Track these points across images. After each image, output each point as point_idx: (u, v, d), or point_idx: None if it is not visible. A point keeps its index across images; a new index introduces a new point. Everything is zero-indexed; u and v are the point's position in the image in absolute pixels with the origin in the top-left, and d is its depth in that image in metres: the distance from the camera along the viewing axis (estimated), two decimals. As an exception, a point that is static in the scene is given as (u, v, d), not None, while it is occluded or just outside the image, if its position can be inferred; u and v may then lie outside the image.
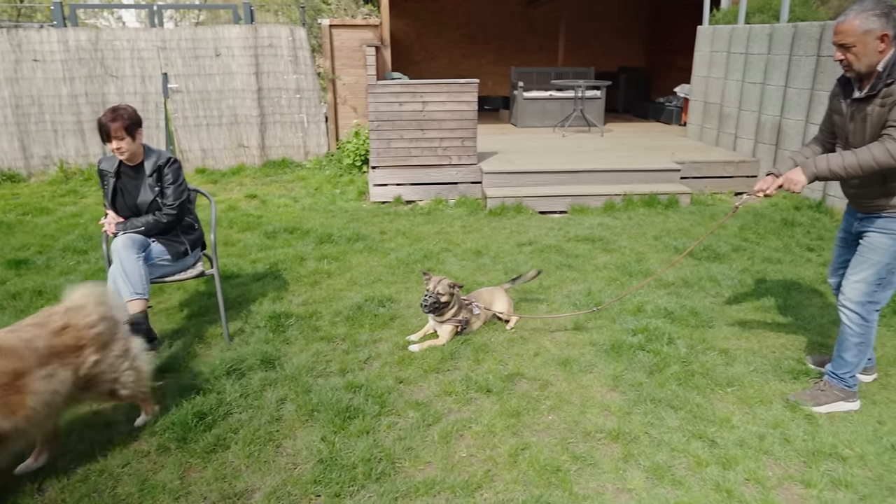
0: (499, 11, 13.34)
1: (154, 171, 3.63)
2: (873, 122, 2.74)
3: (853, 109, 2.84)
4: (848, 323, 3.04)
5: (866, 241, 2.97)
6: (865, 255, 2.96)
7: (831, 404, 3.11)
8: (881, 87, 2.67)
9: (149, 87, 8.75)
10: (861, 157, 2.70)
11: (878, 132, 2.74)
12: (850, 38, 2.67)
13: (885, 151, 2.64)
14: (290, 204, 7.34)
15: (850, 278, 3.02)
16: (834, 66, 6.35)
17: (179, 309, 4.35)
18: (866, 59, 2.68)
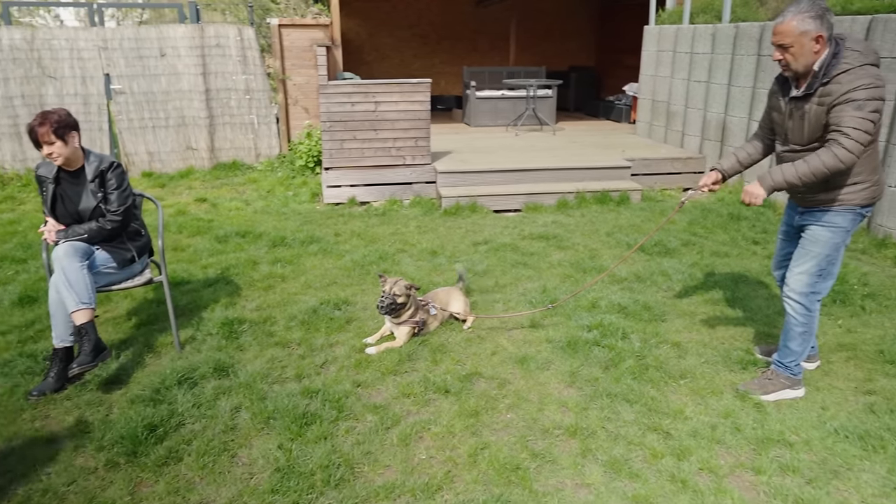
0: (450, 11, 13.36)
1: (96, 175, 3.49)
2: (811, 119, 2.82)
3: (792, 107, 2.91)
4: (792, 313, 3.14)
5: (808, 234, 3.07)
6: (807, 247, 3.06)
7: (778, 392, 3.21)
8: (818, 86, 2.75)
9: (90, 88, 8.44)
10: (812, 165, 2.76)
11: (816, 130, 2.82)
12: (787, 39, 2.75)
13: (833, 157, 2.71)
14: (242, 207, 7.20)
15: (793, 270, 3.12)
16: (773, 65, 6.58)
17: (127, 318, 4.20)
18: (803, 59, 2.76)
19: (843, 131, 2.68)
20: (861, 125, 2.66)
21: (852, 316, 4.17)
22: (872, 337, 3.87)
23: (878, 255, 5.31)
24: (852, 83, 2.64)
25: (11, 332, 3.93)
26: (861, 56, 2.70)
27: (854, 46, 2.73)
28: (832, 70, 2.70)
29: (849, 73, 2.67)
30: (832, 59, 2.72)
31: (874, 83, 2.65)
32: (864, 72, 2.66)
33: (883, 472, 2.67)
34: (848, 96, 2.65)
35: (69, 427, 2.99)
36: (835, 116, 2.71)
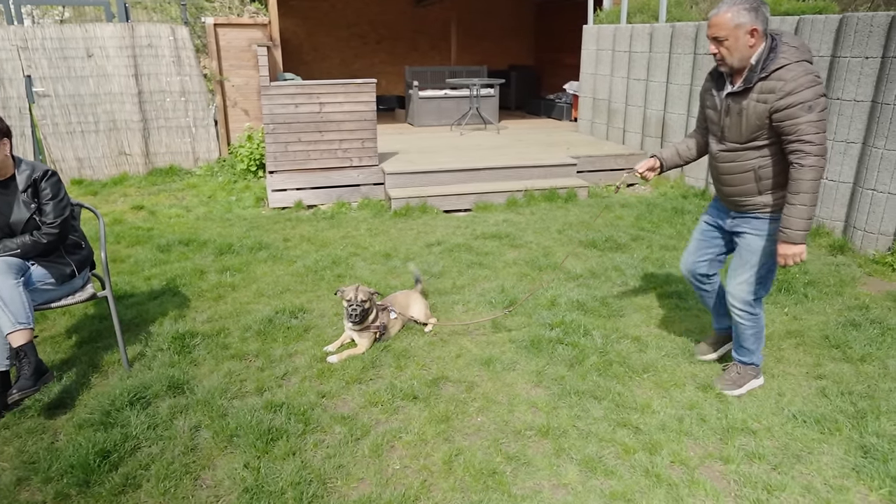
0: (389, 11, 13.25)
1: (28, 185, 3.25)
2: (749, 116, 2.74)
3: (728, 103, 2.83)
4: (740, 320, 3.15)
5: (744, 244, 3.04)
6: (745, 257, 3.03)
7: (748, 384, 3.28)
8: (756, 80, 2.68)
9: (9, 90, 7.92)
10: (806, 190, 2.67)
11: (754, 127, 2.75)
12: (722, 32, 2.68)
13: (810, 171, 2.65)
14: (183, 214, 6.91)
15: (733, 280, 3.09)
16: (709, 63, 6.80)
17: (67, 336, 3.95)
18: (738, 53, 2.70)
19: (804, 140, 2.63)
20: (819, 127, 2.62)
21: (797, 303, 4.34)
22: (817, 323, 4.04)
23: (814, 243, 5.56)
24: (796, 81, 2.59)
25: (-63, 357, 3.62)
26: (797, 52, 2.65)
27: (790, 42, 2.68)
28: (770, 64, 2.64)
29: (787, 69, 2.61)
30: (769, 53, 2.66)
31: (816, 81, 2.61)
32: (803, 69, 2.62)
33: (840, 453, 2.78)
34: (794, 99, 2.60)
35: (9, 459, 2.77)
36: (789, 125, 2.65)
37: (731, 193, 3.00)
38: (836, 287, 4.56)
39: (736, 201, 3.00)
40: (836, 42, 5.45)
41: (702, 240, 3.33)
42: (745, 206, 2.98)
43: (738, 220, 3.05)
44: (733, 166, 2.93)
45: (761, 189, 2.89)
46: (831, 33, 5.49)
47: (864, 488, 2.58)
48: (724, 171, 2.99)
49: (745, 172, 2.90)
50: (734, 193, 2.98)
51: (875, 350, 3.66)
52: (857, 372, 3.45)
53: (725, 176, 3.00)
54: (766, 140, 2.78)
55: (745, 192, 2.93)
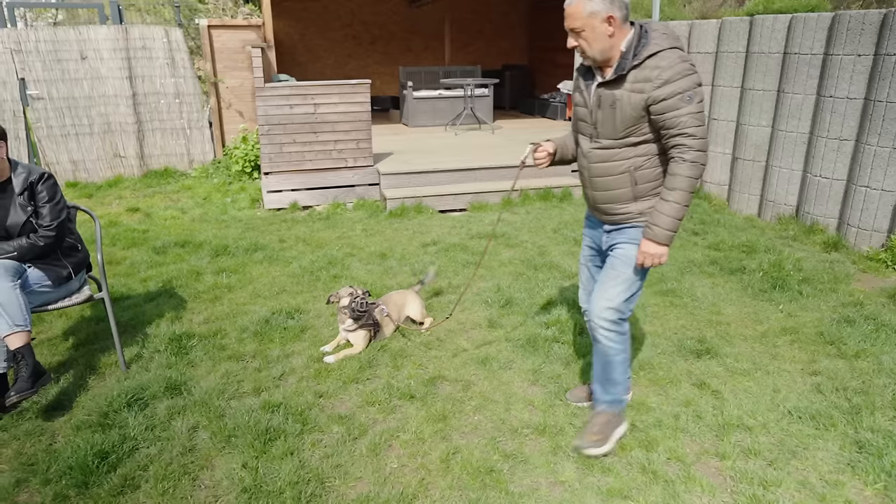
0: (382, 11, 13.26)
1: (25, 188, 3.25)
2: (624, 108, 2.47)
3: (600, 95, 2.55)
4: (608, 343, 2.72)
5: (619, 254, 2.69)
6: (619, 269, 2.68)
7: (614, 434, 2.83)
8: (629, 68, 2.42)
9: (3, 93, 7.89)
10: (682, 187, 2.44)
11: (630, 120, 2.49)
12: (577, 23, 2.43)
13: (691, 166, 2.42)
14: (178, 216, 6.90)
15: (600, 297, 2.69)
16: (702, 62, 6.84)
17: (64, 338, 3.94)
18: (597, 45, 2.44)
19: (685, 133, 2.39)
20: (699, 119, 2.40)
21: (791, 300, 4.37)
22: (811, 320, 4.07)
23: (808, 241, 5.60)
24: (673, 69, 2.35)
25: (-68, 360, 3.61)
26: (668, 39, 2.43)
27: (660, 29, 2.46)
28: (642, 51, 2.39)
29: (661, 56, 2.38)
30: (639, 40, 2.42)
31: (692, 69, 2.39)
32: (678, 55, 2.39)
33: (836, 449, 2.80)
34: (673, 88, 2.35)
35: (8, 461, 2.77)
36: (670, 118, 2.40)
37: (604, 200, 2.69)
38: (830, 284, 4.59)
39: (608, 209, 2.70)
40: (828, 40, 5.49)
41: (592, 266, 2.97)
42: (619, 216, 2.68)
43: (614, 234, 2.74)
44: (607, 167, 2.63)
45: (637, 194, 2.62)
46: (824, 31, 5.52)
47: (859, 483, 2.60)
48: (597, 173, 2.67)
49: (619, 174, 2.61)
50: (607, 199, 2.68)
51: (869, 346, 3.69)
52: (852, 368, 3.47)
53: (598, 179, 2.68)
54: (642, 136, 2.52)
55: (619, 198, 2.64)
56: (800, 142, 5.87)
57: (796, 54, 5.76)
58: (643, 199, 2.62)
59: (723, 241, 5.56)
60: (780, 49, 5.96)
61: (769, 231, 5.92)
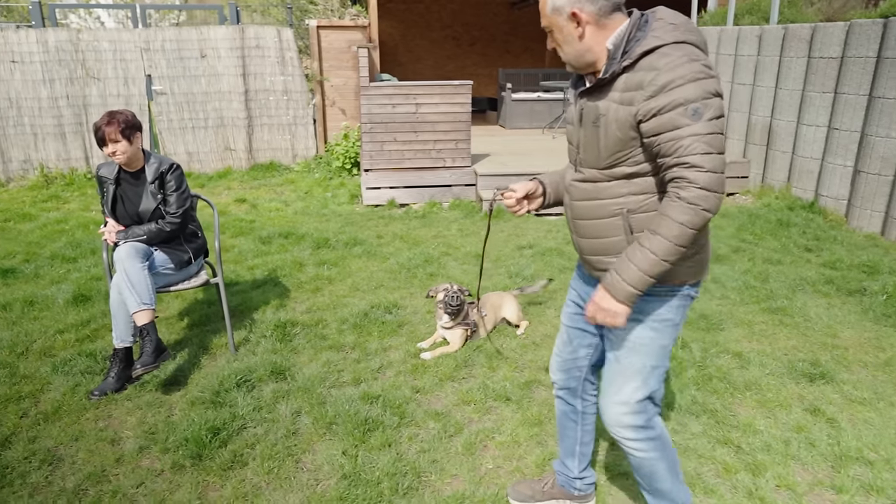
0: (483, 13, 13.32)
1: (156, 177, 3.50)
2: (608, 125, 1.80)
3: (582, 108, 1.91)
4: (639, 453, 2.04)
5: (618, 337, 1.99)
6: (623, 359, 1.98)
7: None
8: (617, 70, 1.76)
9: (132, 89, 8.54)
10: (670, 234, 1.70)
11: (616, 143, 1.81)
12: (544, 20, 1.89)
13: (688, 210, 1.67)
14: (282, 208, 7.22)
15: (610, 398, 2.02)
16: (825, 67, 6.42)
17: (179, 318, 4.22)
18: (568, 47, 1.86)
19: (685, 162, 1.67)
20: (710, 143, 1.66)
21: (919, 327, 4.03)
22: (943, 350, 3.73)
23: (939, 264, 5.14)
24: (673, 71, 1.66)
25: (68, 330, 3.96)
26: (676, 30, 1.75)
27: (668, 18, 1.79)
28: (635, 47, 1.74)
29: (660, 53, 1.70)
30: (635, 32, 1.78)
31: (705, 72, 1.67)
32: (684, 52, 1.68)
33: (971, 493, 2.56)
34: (671, 97, 1.66)
35: (132, 428, 2.99)
36: (666, 141, 1.69)
37: (591, 250, 1.98)
38: (964, 312, 4.19)
39: (598, 263, 1.98)
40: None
41: (572, 328, 2.25)
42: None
43: None
44: (592, 207, 1.93)
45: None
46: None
47: None
48: (581, 214, 1.98)
49: (609, 217, 1.90)
50: (595, 250, 1.97)
51: None
52: None
53: (582, 222, 1.98)
54: (636, 166, 1.83)
55: (610, 249, 1.92)
56: (934, 156, 5.40)
57: (935, 61, 5.30)
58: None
59: (840, 259, 5.20)
60: (916, 55, 5.50)
61: (895, 251, 5.49)
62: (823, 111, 6.52)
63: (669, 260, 1.73)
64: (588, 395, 2.34)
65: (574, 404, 2.35)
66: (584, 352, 2.24)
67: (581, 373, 2.28)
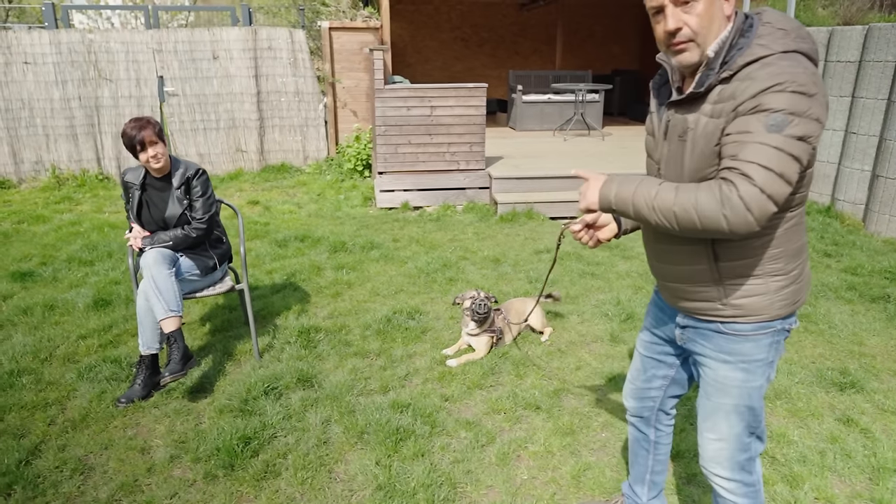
0: (492, 14, 13.29)
1: (182, 182, 3.48)
2: (696, 142, 1.61)
3: (668, 121, 1.72)
4: (731, 497, 1.90)
5: (707, 376, 1.85)
6: (714, 398, 1.84)
7: None
8: (714, 81, 1.57)
9: (144, 90, 8.52)
10: (680, 198, 1.52)
11: (705, 160, 1.60)
12: None
13: (714, 199, 1.47)
14: (295, 210, 7.20)
15: (706, 435, 1.89)
16: (843, 71, 6.39)
17: (201, 324, 4.20)
18: (715, 28, 1.57)
19: (738, 168, 1.47)
20: (777, 161, 1.44)
21: (946, 335, 4.00)
22: (972, 358, 3.71)
23: (960, 270, 5.11)
24: (773, 78, 1.46)
25: (91, 336, 3.94)
26: (786, 37, 1.53)
27: (777, 23, 1.57)
28: (738, 56, 1.53)
29: (765, 63, 1.49)
30: (738, 38, 1.56)
31: (806, 87, 1.44)
32: (792, 63, 1.47)
33: None
34: (757, 102, 1.47)
35: (161, 436, 2.97)
36: (731, 140, 1.51)
37: (672, 277, 1.83)
38: None
39: (678, 291, 1.83)
40: None
41: (646, 357, 2.13)
42: (695, 305, 1.80)
43: (690, 333, 1.86)
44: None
45: (723, 275, 1.71)
46: None
47: None
48: (660, 238, 1.81)
49: (692, 244, 1.73)
50: (676, 277, 1.82)
51: None
52: None
53: (662, 247, 1.82)
54: None
55: (693, 278, 1.77)
56: (956, 161, 5.37)
57: (957, 65, 5.27)
58: (732, 282, 1.71)
59: (861, 265, 5.17)
60: (937, 59, 5.47)
61: (914, 256, 5.46)
62: (840, 115, 6.49)
63: (655, 214, 1.56)
64: (662, 425, 2.22)
65: (647, 433, 2.25)
66: (658, 382, 2.12)
67: (655, 403, 2.16)
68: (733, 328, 1.74)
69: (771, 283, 1.69)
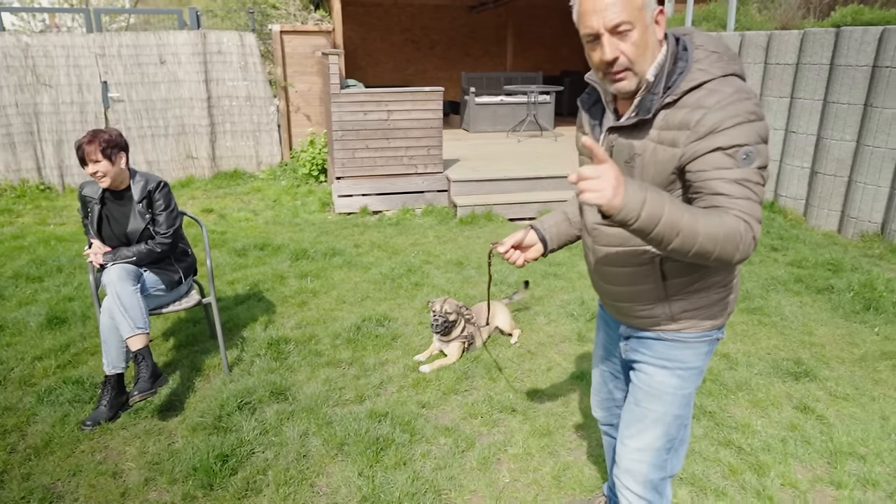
0: (442, 17, 13.35)
1: (143, 196, 3.39)
2: (645, 168, 1.62)
3: (611, 144, 1.70)
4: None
5: (642, 381, 1.84)
6: (645, 405, 1.84)
7: None
8: (657, 106, 1.57)
9: (87, 96, 8.22)
10: (705, 231, 1.44)
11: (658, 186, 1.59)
12: (624, 14, 1.51)
13: (734, 238, 1.46)
14: (251, 217, 7.08)
15: (627, 444, 1.88)
16: (783, 73, 6.70)
17: (164, 339, 4.09)
18: (650, 53, 1.58)
19: (746, 212, 1.48)
20: (758, 193, 1.51)
21: (887, 323, 4.25)
22: (912, 344, 3.96)
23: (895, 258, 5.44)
24: (724, 110, 1.49)
25: (47, 356, 3.79)
26: (721, 60, 1.58)
27: (708, 45, 1.60)
28: (680, 81, 1.56)
29: (709, 89, 1.53)
30: (674, 62, 1.59)
31: (754, 112, 1.51)
32: (734, 89, 1.52)
33: (957, 482, 2.73)
34: (722, 140, 1.49)
35: (133, 458, 2.90)
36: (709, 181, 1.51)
37: (618, 297, 1.84)
38: (926, 306, 4.45)
39: (624, 309, 1.84)
40: (923, 54, 5.32)
41: (604, 370, 2.17)
42: (641, 322, 1.82)
43: (633, 344, 1.87)
44: (620, 253, 1.76)
45: (669, 292, 1.74)
46: (918, 45, 5.36)
47: None
48: (606, 260, 1.81)
49: (639, 265, 1.74)
50: (622, 297, 1.82)
51: (978, 374, 3.57)
52: (962, 397, 3.37)
53: (609, 269, 1.82)
54: None
55: (640, 297, 1.78)
56: (888, 157, 5.71)
57: (888, 67, 5.60)
58: (678, 298, 1.74)
59: (805, 258, 5.44)
60: (869, 62, 5.80)
61: (852, 249, 5.77)
62: (781, 115, 6.80)
63: (676, 240, 1.43)
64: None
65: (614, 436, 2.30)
66: (619, 393, 2.17)
67: (621, 409, 2.18)
68: (676, 335, 1.78)
69: (713, 295, 1.75)
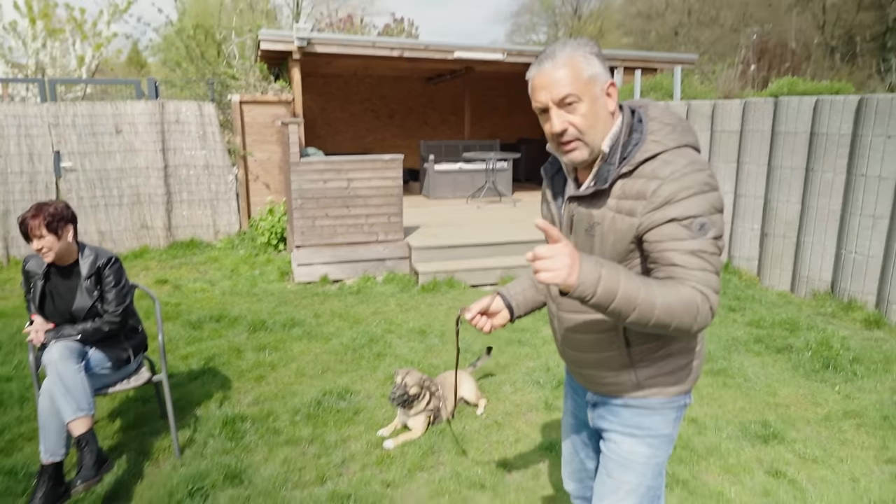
0: (401, 87, 13.69)
1: (92, 272, 3.24)
2: (605, 236, 1.64)
3: (572, 214, 1.73)
4: None
5: (612, 452, 1.82)
6: (616, 476, 1.80)
7: None
8: (614, 176, 1.61)
9: (38, 165, 8.03)
10: (662, 303, 1.47)
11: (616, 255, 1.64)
12: (572, 87, 1.57)
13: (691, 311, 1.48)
14: (208, 288, 6.89)
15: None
16: (728, 139, 7.00)
17: (110, 420, 3.85)
18: (601, 126, 1.63)
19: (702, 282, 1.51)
20: (714, 264, 1.54)
21: (846, 381, 4.31)
22: (872, 402, 3.99)
23: (847, 317, 5.57)
24: (678, 182, 1.54)
25: (-20, 444, 3.52)
26: (674, 132, 1.62)
27: (662, 117, 1.66)
28: (635, 152, 1.60)
29: (663, 160, 1.58)
30: (629, 133, 1.64)
31: (710, 184, 1.56)
32: (687, 160, 1.56)
33: (931, 546, 2.70)
34: (677, 210, 1.53)
35: (70, 556, 2.65)
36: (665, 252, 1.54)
37: (585, 364, 1.84)
38: (882, 364, 4.53)
39: (590, 377, 1.84)
40: (856, 121, 5.64)
41: (575, 439, 2.12)
42: (608, 389, 1.81)
43: (601, 412, 1.86)
44: (585, 320, 1.77)
45: (634, 359, 1.74)
46: (851, 112, 5.69)
47: (964, 585, 2.48)
48: (571, 327, 1.82)
49: (602, 332, 1.75)
50: (589, 365, 1.82)
51: (938, 431, 3.61)
52: (926, 455, 3.39)
53: (573, 335, 1.82)
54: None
55: (606, 365, 1.78)
56: (832, 218, 5.94)
57: (824, 134, 5.90)
58: (643, 365, 1.74)
59: (762, 317, 5.53)
60: (806, 129, 6.11)
61: (806, 307, 5.91)
62: (729, 179, 7.06)
63: (633, 314, 1.46)
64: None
65: None
66: (591, 463, 2.10)
67: (593, 480, 2.10)
68: (642, 402, 1.76)
69: (678, 361, 1.76)
